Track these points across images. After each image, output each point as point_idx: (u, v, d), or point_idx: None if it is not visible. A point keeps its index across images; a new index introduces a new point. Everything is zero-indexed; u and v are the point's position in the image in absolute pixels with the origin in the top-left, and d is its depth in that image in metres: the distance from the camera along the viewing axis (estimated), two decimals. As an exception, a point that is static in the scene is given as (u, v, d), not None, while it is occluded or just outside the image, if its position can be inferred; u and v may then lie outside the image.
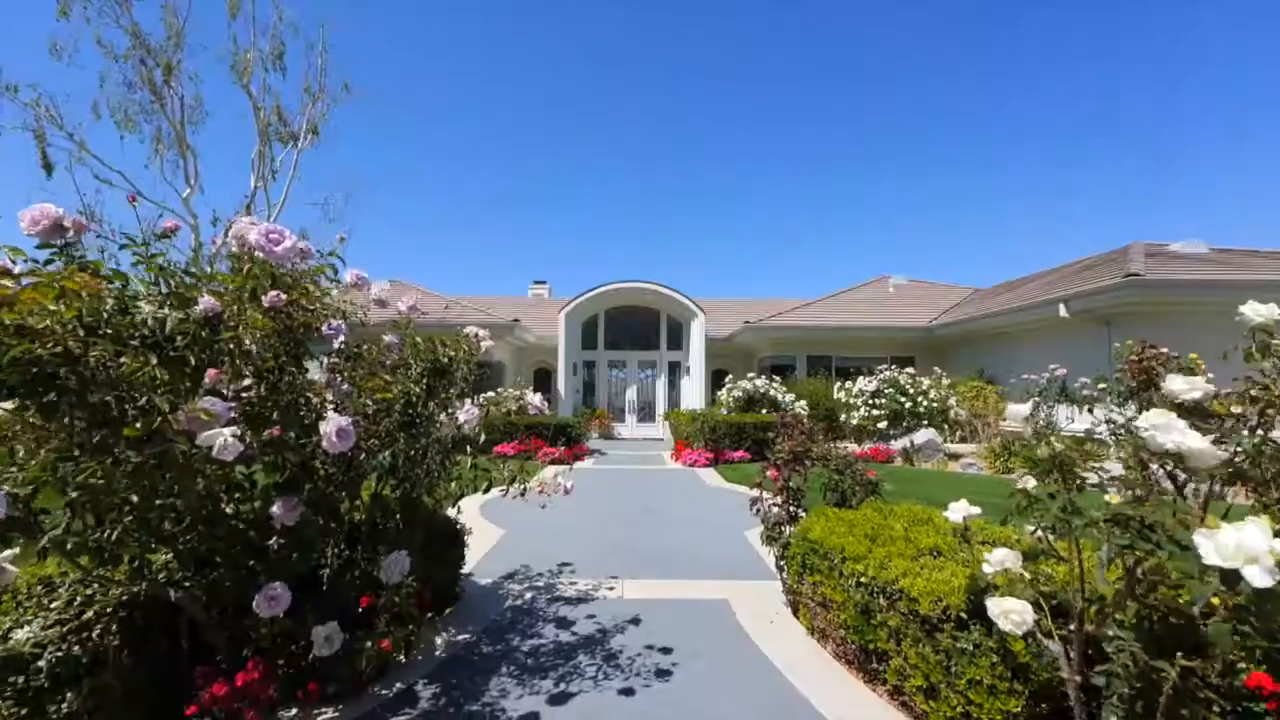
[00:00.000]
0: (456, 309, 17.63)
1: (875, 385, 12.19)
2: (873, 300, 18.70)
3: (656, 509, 6.96)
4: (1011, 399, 11.88)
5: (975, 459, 11.34)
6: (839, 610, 2.92)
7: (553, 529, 5.76)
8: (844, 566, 2.87)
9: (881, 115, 58.05)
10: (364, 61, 51.87)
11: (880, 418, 11.93)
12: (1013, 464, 9.81)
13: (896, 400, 11.85)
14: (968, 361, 14.43)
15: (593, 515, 6.58)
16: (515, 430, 12.00)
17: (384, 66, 54.98)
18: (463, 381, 3.13)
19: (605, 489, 8.36)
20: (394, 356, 3.16)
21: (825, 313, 17.29)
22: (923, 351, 16.31)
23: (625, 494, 7.98)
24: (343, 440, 2.15)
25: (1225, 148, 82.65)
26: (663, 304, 18.03)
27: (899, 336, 16.28)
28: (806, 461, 3.73)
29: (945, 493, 7.04)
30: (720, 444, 11.48)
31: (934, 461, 11.29)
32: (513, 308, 21.21)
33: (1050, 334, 11.67)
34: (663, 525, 6.15)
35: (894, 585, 2.52)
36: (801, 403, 12.83)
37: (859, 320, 16.54)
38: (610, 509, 6.95)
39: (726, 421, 11.57)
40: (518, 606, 3.88)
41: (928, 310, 17.70)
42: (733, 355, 19.88)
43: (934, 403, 11.73)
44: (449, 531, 3.78)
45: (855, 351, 16.51)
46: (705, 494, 8.11)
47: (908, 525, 3.11)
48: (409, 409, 2.76)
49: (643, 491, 8.20)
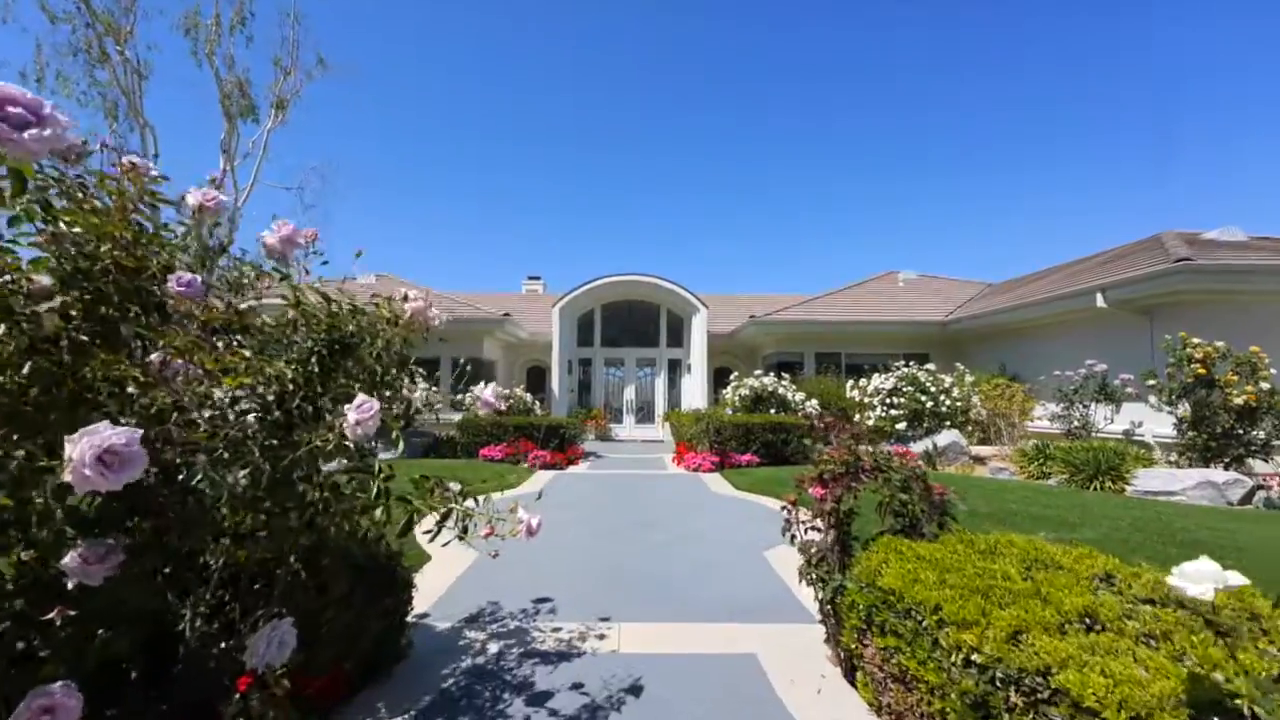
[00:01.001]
0: (443, 300, 16.69)
1: (893, 383, 11.29)
2: (882, 295, 17.81)
3: (658, 522, 6.03)
4: (1042, 397, 10.99)
5: (1004, 462, 10.45)
6: (931, 695, 2.00)
7: (534, 551, 4.81)
8: (942, 635, 1.95)
9: (885, 112, 57.28)
10: (365, 57, 51.04)
11: (899, 418, 11.03)
12: (1049, 468, 8.92)
13: (916, 399, 10.95)
14: (987, 358, 13.56)
15: (584, 531, 5.65)
16: (504, 432, 11.06)
17: (384, 65, 54.09)
18: (385, 367, 2.17)
19: (599, 498, 7.43)
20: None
21: (834, 307, 16.40)
22: (938, 347, 15.42)
23: (622, 504, 7.06)
24: (112, 472, 1.21)
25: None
26: (662, 298, 17.11)
27: (913, 332, 15.39)
28: (863, 476, 2.80)
29: (993, 504, 6.12)
30: (726, 446, 10.57)
31: (957, 465, 10.39)
32: (505, 304, 20.29)
33: (1084, 327, 10.79)
34: (666, 544, 5.22)
35: (1041, 678, 1.61)
36: (812, 402, 11.93)
37: (870, 315, 15.65)
38: (604, 523, 6.02)
39: (733, 422, 10.65)
40: (478, 667, 2.94)
41: (940, 305, 16.82)
42: (735, 352, 18.98)
43: (957, 401, 10.83)
44: (383, 574, 2.83)
45: (866, 348, 15.63)
46: (713, 504, 7.19)
47: (1024, 568, 2.19)
48: (281, 402, 1.82)
49: (642, 501, 7.28)
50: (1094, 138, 61.83)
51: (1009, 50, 46.23)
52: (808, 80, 52.33)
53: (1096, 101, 54.22)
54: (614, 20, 47.65)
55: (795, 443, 10.88)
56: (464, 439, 11.11)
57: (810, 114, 55.24)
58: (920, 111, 54.07)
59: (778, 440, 10.81)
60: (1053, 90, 49.96)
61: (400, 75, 58.52)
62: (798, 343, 15.62)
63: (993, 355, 13.63)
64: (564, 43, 51.66)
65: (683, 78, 53.28)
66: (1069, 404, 10.09)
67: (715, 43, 54.55)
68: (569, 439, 11.35)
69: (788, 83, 52.48)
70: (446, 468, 9.49)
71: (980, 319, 13.49)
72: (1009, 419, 11.84)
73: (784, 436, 10.85)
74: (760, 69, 54.61)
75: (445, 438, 11.63)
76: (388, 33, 52.73)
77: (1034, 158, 57.26)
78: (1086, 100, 59.18)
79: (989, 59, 47.87)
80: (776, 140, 59.18)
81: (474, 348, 15.25)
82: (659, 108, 57.22)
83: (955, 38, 46.49)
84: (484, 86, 56.76)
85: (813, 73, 51.95)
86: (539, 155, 67.86)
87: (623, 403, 17.53)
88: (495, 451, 10.61)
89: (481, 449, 10.82)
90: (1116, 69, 47.68)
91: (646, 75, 54.60)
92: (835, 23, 46.62)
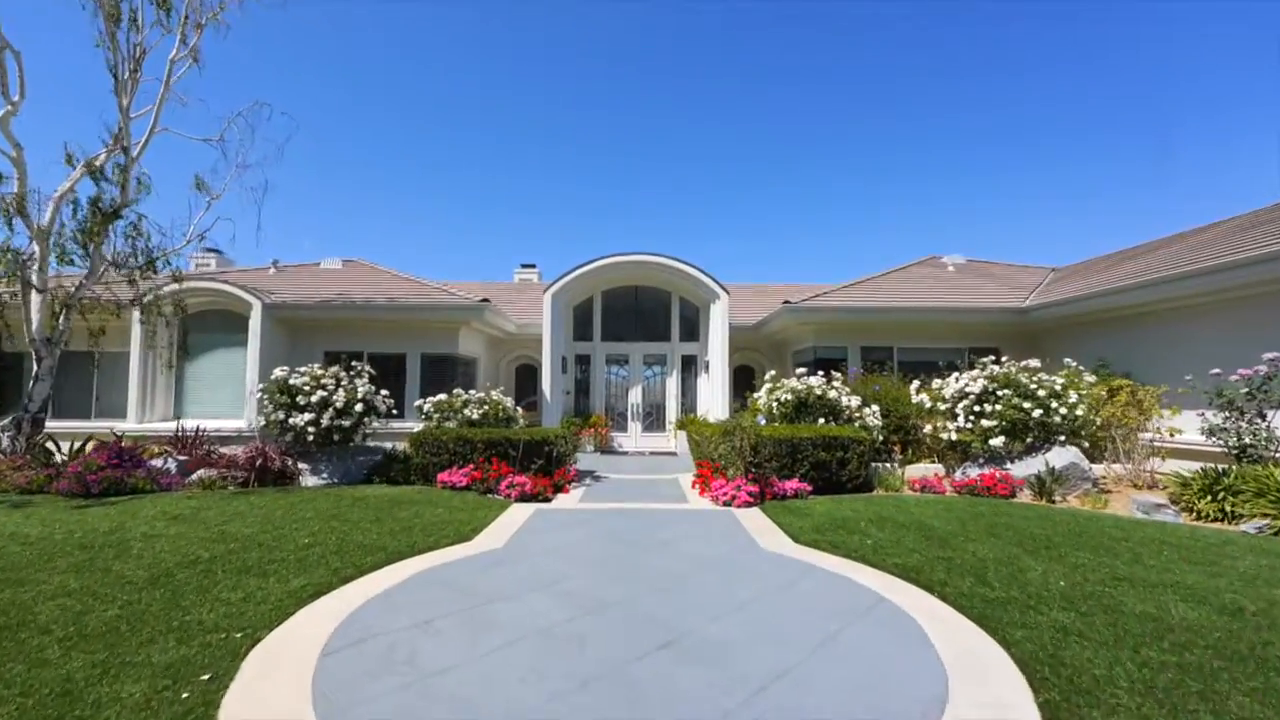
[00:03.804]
0: (403, 283, 14.11)
1: (981, 384, 8.59)
2: (930, 281, 15.09)
3: (691, 638, 3.37)
4: (1188, 405, 8.25)
5: (1144, 492, 7.73)
6: None
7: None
8: None
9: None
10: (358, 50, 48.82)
11: (993, 430, 8.33)
12: (1237, 505, 6.24)
13: (1016, 406, 8.25)
14: (1080, 351, 10.83)
15: (556, 673, 3.01)
16: (471, 448, 8.44)
17: (381, 63, 51.68)
18: None
19: (589, 571, 4.77)
20: None
21: (879, 293, 13.70)
22: (1011, 340, 12.71)
23: (627, 583, 4.40)
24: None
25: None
26: (675, 283, 14.46)
27: (982, 321, 12.68)
28: None
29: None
30: (765, 469, 7.93)
31: (1079, 495, 7.70)
32: (494, 294, 17.69)
33: (1255, 307, 8.07)
34: (718, 714, 2.56)
35: None
36: (872, 408, 9.26)
37: (931, 301, 12.97)
38: (596, 646, 3.37)
39: (774, 436, 8.00)
40: None
41: (1004, 291, 14.12)
42: (759, 348, 16.31)
43: (1077, 409, 8.12)
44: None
45: (922, 340, 12.94)
46: (774, 578, 4.53)
47: None
48: None
49: (658, 574, 4.63)
50: (1091, 137, 57.97)
51: (997, 52, 43.43)
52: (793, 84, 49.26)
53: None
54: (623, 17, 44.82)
55: (855, 463, 8.22)
56: (419, 458, 8.47)
57: (808, 118, 52.44)
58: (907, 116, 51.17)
59: (832, 460, 8.15)
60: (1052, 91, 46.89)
61: (397, 78, 56.06)
62: (840, 335, 12.93)
63: (1088, 348, 10.91)
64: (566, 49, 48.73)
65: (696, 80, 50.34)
66: (1237, 412, 7.38)
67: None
68: (559, 457, 8.73)
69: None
70: (374, 505, 6.88)
71: (1080, 303, 10.77)
72: (1129, 431, 9.14)
73: (840, 455, 8.18)
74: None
75: (401, 455, 9.03)
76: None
77: (1032, 158, 53.71)
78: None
79: (967, 63, 44.93)
80: (775, 140, 56.43)
81: (447, 341, 12.65)
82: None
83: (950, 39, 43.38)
84: (484, 81, 54.01)
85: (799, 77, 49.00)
86: (533, 148, 65.24)
87: (627, 407, 14.89)
88: (459, 476, 7.99)
89: (442, 472, 8.20)
90: (1118, 70, 44.69)
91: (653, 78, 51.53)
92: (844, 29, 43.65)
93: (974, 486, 7.89)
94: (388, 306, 12.35)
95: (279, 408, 8.39)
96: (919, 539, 5.49)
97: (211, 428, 10.70)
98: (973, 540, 5.38)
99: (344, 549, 5.03)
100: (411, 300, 12.66)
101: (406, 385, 12.47)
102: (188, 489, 7.71)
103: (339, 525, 5.86)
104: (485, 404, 9.83)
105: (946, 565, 4.65)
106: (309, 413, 8.28)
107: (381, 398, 9.31)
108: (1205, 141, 61.51)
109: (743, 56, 49.71)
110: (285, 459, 8.28)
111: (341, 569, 4.49)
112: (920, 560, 4.79)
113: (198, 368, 12.24)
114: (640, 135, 61.42)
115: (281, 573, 4.37)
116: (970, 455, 9.05)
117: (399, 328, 12.67)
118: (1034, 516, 6.41)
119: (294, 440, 8.52)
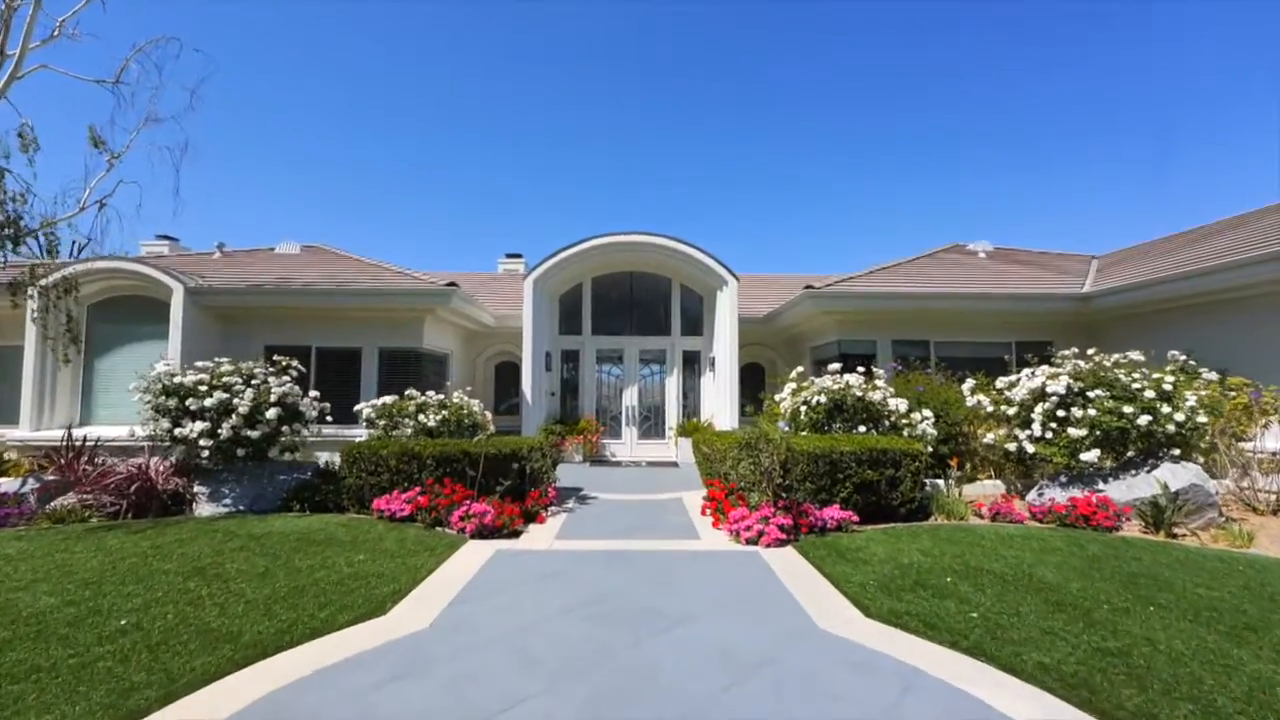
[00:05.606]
0: (364, 267, 12.22)
1: (1065, 382, 6.83)
2: (962, 268, 13.38)
3: None
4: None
5: None
6: None
7: None
8: None
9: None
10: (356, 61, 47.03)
11: (1083, 442, 6.57)
12: None
13: (1114, 410, 6.48)
14: (1148, 343, 9.08)
15: None
16: (419, 466, 6.60)
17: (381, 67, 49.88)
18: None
19: (550, 681, 2.95)
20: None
21: (913, 280, 11.97)
22: (1066, 332, 10.98)
23: (610, 715, 2.60)
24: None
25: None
26: (676, 268, 12.67)
27: (1036, 310, 10.97)
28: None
29: None
30: (795, 491, 6.15)
31: (1202, 525, 5.95)
32: (474, 284, 15.87)
33: None
34: None
35: None
36: (925, 413, 7.48)
37: (978, 287, 11.26)
38: None
39: (809, 451, 6.21)
40: None
41: (1053, 277, 12.43)
42: (770, 343, 14.53)
43: (1195, 413, 6.36)
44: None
45: (962, 333, 11.19)
46: (853, 697, 2.73)
47: None
48: None
49: (662, 697, 2.83)
50: (1093, 138, 56.21)
51: (983, 52, 42.25)
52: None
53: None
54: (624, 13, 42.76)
55: (908, 482, 6.46)
56: (352, 478, 6.60)
57: (817, 117, 50.82)
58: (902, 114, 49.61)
59: (880, 479, 6.37)
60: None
61: (400, 76, 54.00)
62: (867, 327, 11.17)
63: (1160, 340, 9.17)
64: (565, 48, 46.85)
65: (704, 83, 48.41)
66: None
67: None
68: (534, 476, 6.90)
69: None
70: (271, 549, 5.04)
71: (1162, 287, 9.05)
72: (1237, 439, 7.42)
73: (890, 473, 6.41)
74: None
75: (338, 471, 7.17)
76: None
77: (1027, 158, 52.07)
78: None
79: (962, 63, 43.52)
80: (776, 139, 54.70)
81: (409, 334, 10.79)
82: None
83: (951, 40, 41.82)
84: (483, 84, 51.90)
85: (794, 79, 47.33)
86: (537, 150, 63.35)
87: (621, 410, 13.07)
88: (401, 503, 6.16)
89: (380, 497, 6.36)
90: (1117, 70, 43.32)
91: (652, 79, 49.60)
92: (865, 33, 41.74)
93: (1063, 515, 6.14)
94: (333, 292, 10.47)
95: (163, 413, 6.51)
96: (1045, 607, 3.72)
97: (120, 436, 8.80)
98: (1127, 613, 3.61)
99: (169, 640, 3.21)
100: (362, 285, 10.79)
101: (361, 386, 10.61)
102: (34, 523, 5.84)
103: (197, 587, 4.03)
104: (445, 407, 7.98)
105: (1126, 671, 2.88)
106: (203, 420, 6.41)
107: (310, 400, 7.44)
108: (1205, 141, 60.17)
109: (743, 56, 48.01)
110: (178, 479, 6.41)
111: (131, 692, 2.67)
112: (1077, 660, 3.01)
113: (109, 364, 10.32)
114: (641, 135, 59.63)
115: (21, 705, 2.54)
116: (1036, 469, 7.31)
117: (351, 318, 10.81)
118: (1178, 564, 4.65)
119: (188, 454, 6.65)
